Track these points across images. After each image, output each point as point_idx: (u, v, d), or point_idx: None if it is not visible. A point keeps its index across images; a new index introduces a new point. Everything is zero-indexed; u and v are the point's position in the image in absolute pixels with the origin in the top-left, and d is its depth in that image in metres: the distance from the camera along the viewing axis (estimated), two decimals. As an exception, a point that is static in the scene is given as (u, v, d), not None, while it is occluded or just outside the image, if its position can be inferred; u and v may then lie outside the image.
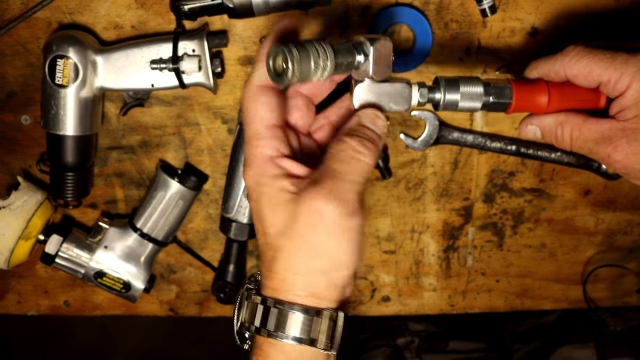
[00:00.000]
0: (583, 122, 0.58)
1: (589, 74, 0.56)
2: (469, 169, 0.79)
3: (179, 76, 0.70)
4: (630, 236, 0.83)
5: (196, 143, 0.78)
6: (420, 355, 0.91)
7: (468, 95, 0.56)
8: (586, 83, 0.57)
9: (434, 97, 0.56)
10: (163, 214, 0.77)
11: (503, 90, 0.58)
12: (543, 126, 0.60)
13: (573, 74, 0.57)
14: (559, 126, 0.59)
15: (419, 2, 0.72)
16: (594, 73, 0.56)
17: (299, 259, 0.48)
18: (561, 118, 0.59)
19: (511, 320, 1.00)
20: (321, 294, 0.48)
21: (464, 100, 0.56)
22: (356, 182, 0.48)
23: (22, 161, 0.80)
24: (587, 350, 0.84)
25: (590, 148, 0.58)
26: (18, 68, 0.75)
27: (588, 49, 0.56)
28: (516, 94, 0.58)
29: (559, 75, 0.58)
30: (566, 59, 0.57)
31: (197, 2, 0.68)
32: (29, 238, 0.76)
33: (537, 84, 0.59)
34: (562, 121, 0.58)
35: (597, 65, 0.55)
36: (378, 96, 0.53)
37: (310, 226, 0.47)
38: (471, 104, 0.57)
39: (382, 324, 0.96)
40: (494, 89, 0.57)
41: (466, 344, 0.95)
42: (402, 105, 0.54)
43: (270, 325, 0.48)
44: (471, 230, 0.83)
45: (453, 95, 0.56)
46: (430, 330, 0.97)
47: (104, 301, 0.87)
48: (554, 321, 0.94)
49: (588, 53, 0.56)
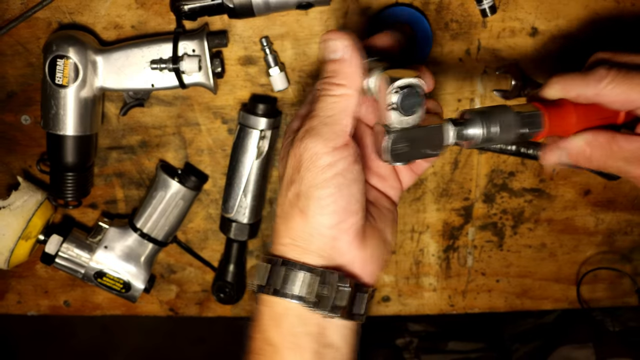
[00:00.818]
0: (612, 140, 0.55)
1: (627, 101, 0.53)
2: (469, 169, 0.79)
3: (179, 76, 0.70)
4: (630, 236, 0.83)
5: (196, 143, 0.78)
6: (419, 355, 0.91)
7: (502, 127, 0.52)
8: (622, 108, 0.54)
9: (467, 134, 0.52)
10: (163, 214, 0.77)
11: (534, 119, 0.53)
12: (571, 149, 0.56)
13: (609, 100, 0.54)
14: (587, 147, 0.55)
15: (419, 2, 0.72)
16: (631, 98, 0.53)
17: (286, 201, 0.51)
18: (589, 138, 0.55)
19: (510, 321, 1.00)
20: (307, 244, 0.50)
21: (498, 133, 0.52)
22: (329, 117, 0.49)
23: (22, 161, 0.80)
24: (586, 351, 0.84)
25: (620, 167, 0.55)
26: (18, 68, 0.75)
27: (622, 73, 0.53)
28: (548, 121, 0.54)
29: (589, 101, 0.54)
30: (600, 85, 0.53)
31: (197, 2, 0.68)
32: (29, 238, 0.76)
33: (564, 106, 0.55)
34: (590, 141, 0.55)
35: (634, 92, 0.53)
36: (410, 144, 0.49)
37: (294, 166, 0.50)
38: (505, 137, 0.52)
39: (381, 324, 0.96)
40: (525, 118, 0.53)
41: (465, 344, 0.95)
42: (437, 150, 0.51)
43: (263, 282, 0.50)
44: (471, 230, 0.83)
45: (487, 129, 0.51)
46: (429, 331, 0.97)
47: (104, 301, 0.87)
48: (553, 321, 0.94)
49: (623, 79, 0.53)
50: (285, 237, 0.50)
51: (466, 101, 0.76)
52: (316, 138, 0.48)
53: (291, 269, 0.48)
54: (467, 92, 0.76)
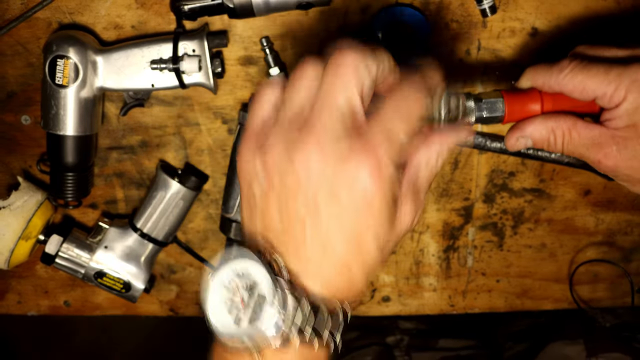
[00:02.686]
0: (573, 126, 0.58)
1: (584, 90, 0.56)
2: (469, 169, 0.79)
3: (179, 76, 0.70)
4: (630, 236, 0.83)
5: (196, 143, 0.78)
6: (409, 353, 0.91)
7: (460, 111, 0.57)
8: (582, 97, 0.57)
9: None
10: (163, 214, 0.77)
11: (495, 104, 0.59)
12: (534, 136, 0.60)
13: (568, 89, 0.57)
14: (550, 133, 0.59)
15: (419, 2, 0.72)
16: (589, 88, 0.56)
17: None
18: (551, 124, 0.59)
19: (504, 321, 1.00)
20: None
21: (456, 115, 0.57)
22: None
23: (22, 161, 0.80)
24: (577, 347, 0.84)
25: (581, 153, 0.59)
26: (18, 68, 0.75)
27: (582, 64, 0.56)
28: (508, 106, 0.59)
29: (553, 89, 0.58)
30: (560, 75, 0.57)
31: (197, 2, 0.68)
32: (29, 238, 0.76)
33: (530, 93, 0.60)
34: (553, 127, 0.59)
35: (591, 81, 0.56)
36: None
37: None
38: (466, 119, 0.58)
39: (372, 322, 0.96)
40: (485, 103, 0.58)
41: (456, 341, 0.95)
42: None
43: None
44: (471, 231, 0.83)
45: (450, 111, 0.57)
46: (420, 328, 0.97)
47: (104, 301, 0.87)
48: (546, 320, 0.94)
49: (582, 69, 0.56)
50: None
51: (466, 101, 0.76)
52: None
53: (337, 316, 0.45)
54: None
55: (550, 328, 0.91)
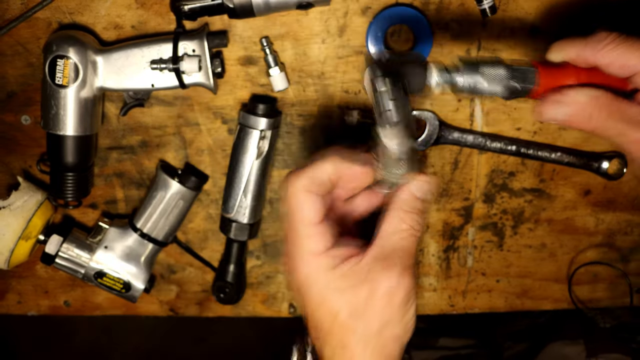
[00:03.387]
0: (615, 99, 0.53)
1: (624, 65, 0.52)
2: (469, 169, 0.79)
3: (179, 76, 0.70)
4: (630, 236, 0.83)
5: (196, 143, 0.78)
6: (409, 352, 0.91)
7: (489, 78, 0.53)
8: (619, 72, 0.53)
9: (452, 79, 0.53)
10: (163, 214, 0.77)
11: (527, 74, 0.53)
12: (572, 104, 0.53)
13: (605, 62, 0.52)
14: (589, 104, 0.53)
15: (419, 2, 0.72)
16: (630, 63, 0.52)
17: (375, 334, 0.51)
18: (593, 93, 0.53)
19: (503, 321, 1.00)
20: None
21: (485, 83, 0.53)
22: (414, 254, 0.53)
23: (22, 161, 0.80)
24: (577, 347, 0.83)
25: (619, 129, 0.53)
26: (18, 68, 0.75)
27: (622, 37, 0.52)
28: (542, 78, 0.53)
29: (587, 62, 0.53)
30: (598, 45, 0.52)
31: (197, 2, 0.68)
32: (29, 238, 0.76)
33: (564, 67, 0.54)
34: (594, 97, 0.53)
35: (633, 55, 0.52)
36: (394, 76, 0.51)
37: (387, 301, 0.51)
38: (493, 88, 0.53)
39: None
40: (516, 72, 0.53)
41: (456, 340, 0.95)
42: (419, 87, 0.52)
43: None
44: (471, 231, 0.83)
45: (473, 78, 0.53)
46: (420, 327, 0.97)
47: (104, 301, 0.87)
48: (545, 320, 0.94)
49: (623, 41, 0.52)
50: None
51: (466, 101, 0.76)
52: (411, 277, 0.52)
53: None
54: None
55: (550, 328, 0.91)
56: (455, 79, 0.53)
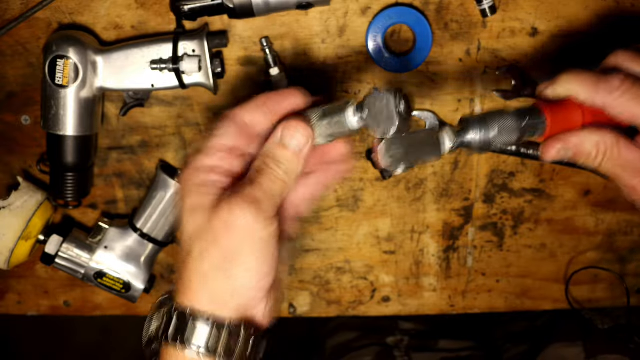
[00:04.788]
0: (616, 143, 0.54)
1: (633, 117, 0.53)
2: (469, 169, 0.79)
3: (179, 76, 0.70)
4: (630, 236, 0.83)
5: (196, 143, 0.78)
6: (409, 354, 0.91)
7: (502, 131, 0.52)
8: (628, 120, 0.53)
9: (464, 141, 0.53)
10: (163, 214, 0.77)
11: (537, 126, 0.53)
12: (578, 149, 0.55)
13: (617, 112, 0.53)
14: (594, 148, 0.54)
15: (419, 3, 0.72)
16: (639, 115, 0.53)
17: (205, 261, 0.49)
18: (596, 138, 0.54)
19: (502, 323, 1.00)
20: (227, 302, 0.49)
21: (498, 137, 0.53)
22: (273, 195, 0.50)
23: (22, 161, 0.80)
24: (576, 348, 0.84)
25: (616, 173, 0.55)
26: (18, 68, 0.75)
27: (635, 87, 0.52)
28: (550, 125, 0.54)
29: (596, 106, 0.54)
30: (610, 96, 0.52)
31: (197, 2, 0.68)
32: (29, 238, 0.76)
33: (571, 109, 0.54)
34: (597, 142, 0.54)
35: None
36: (406, 149, 0.51)
37: (223, 229, 0.48)
38: (506, 139, 0.53)
39: (372, 322, 0.96)
40: (527, 124, 0.53)
41: (455, 342, 0.95)
42: (434, 155, 0.52)
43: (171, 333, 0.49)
44: (471, 231, 0.83)
45: (485, 135, 0.52)
46: (420, 329, 0.97)
47: (104, 301, 0.87)
48: (545, 323, 0.94)
49: (635, 96, 0.52)
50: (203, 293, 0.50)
51: (466, 101, 0.76)
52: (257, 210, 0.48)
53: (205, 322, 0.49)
54: (467, 92, 0.76)
55: (548, 330, 0.91)
56: (467, 139, 0.53)
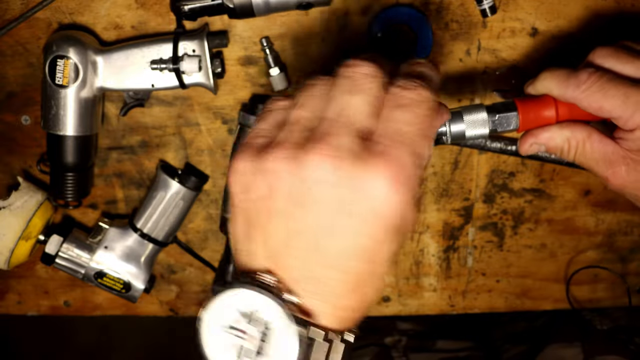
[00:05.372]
0: (588, 138, 0.57)
1: (600, 109, 0.55)
2: (469, 169, 0.79)
3: (179, 76, 0.70)
4: (630, 236, 0.83)
5: (196, 143, 0.78)
6: (407, 354, 0.91)
7: (473, 123, 0.56)
8: (596, 114, 0.56)
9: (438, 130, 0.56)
10: (163, 214, 0.77)
11: (509, 119, 0.57)
12: (549, 144, 0.59)
13: (583, 105, 0.56)
14: (565, 142, 0.58)
15: (419, 3, 0.72)
16: (605, 109, 0.55)
17: None
18: (567, 133, 0.57)
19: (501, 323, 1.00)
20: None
21: (470, 129, 0.56)
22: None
23: (22, 161, 0.80)
24: (574, 349, 0.84)
25: (590, 166, 0.58)
26: (18, 68, 0.75)
27: (601, 81, 0.54)
28: (522, 117, 0.57)
29: (568, 101, 0.57)
30: (577, 90, 0.55)
31: (197, 2, 0.68)
32: (29, 238, 0.76)
33: (544, 100, 0.58)
34: (568, 137, 0.58)
35: (608, 102, 0.54)
36: None
37: None
38: (478, 132, 0.56)
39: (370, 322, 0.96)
40: (499, 119, 0.57)
41: (453, 342, 0.95)
42: None
43: None
44: (471, 231, 0.83)
45: (458, 127, 0.56)
46: (418, 329, 0.97)
47: (104, 301, 0.87)
48: (544, 323, 0.94)
49: (600, 88, 0.54)
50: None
51: (466, 101, 0.76)
52: None
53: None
54: (467, 92, 0.76)
55: (548, 330, 0.91)
56: (440, 131, 0.56)
